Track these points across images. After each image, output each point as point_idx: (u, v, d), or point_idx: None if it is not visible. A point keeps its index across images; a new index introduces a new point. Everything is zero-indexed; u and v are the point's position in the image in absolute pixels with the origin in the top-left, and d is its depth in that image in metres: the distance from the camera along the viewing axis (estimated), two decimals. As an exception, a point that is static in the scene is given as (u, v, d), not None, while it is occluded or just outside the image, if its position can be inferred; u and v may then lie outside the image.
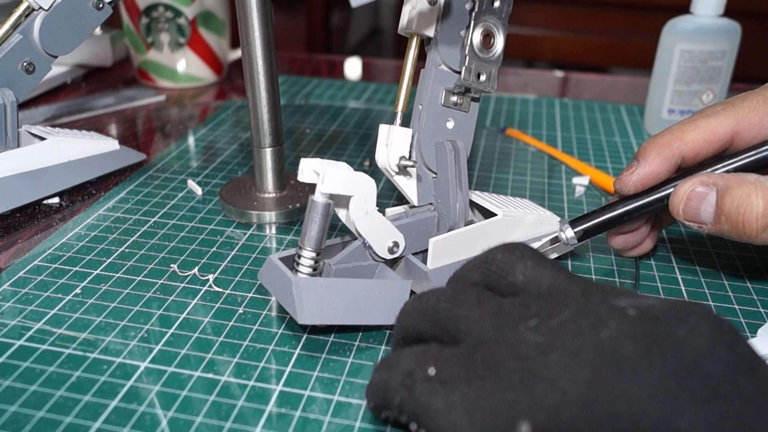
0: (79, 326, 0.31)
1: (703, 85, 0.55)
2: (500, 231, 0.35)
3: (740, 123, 0.33)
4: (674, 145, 0.33)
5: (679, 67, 0.54)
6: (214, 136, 0.56)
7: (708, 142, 0.33)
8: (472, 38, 0.32)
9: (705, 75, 0.54)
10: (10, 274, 0.35)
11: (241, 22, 0.38)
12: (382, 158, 0.33)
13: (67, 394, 0.27)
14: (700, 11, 0.53)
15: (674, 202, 0.33)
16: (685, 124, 0.34)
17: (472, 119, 0.35)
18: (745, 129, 0.33)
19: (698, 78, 0.54)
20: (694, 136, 0.33)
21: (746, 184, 0.31)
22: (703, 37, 0.53)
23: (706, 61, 0.54)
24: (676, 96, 0.55)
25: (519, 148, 0.55)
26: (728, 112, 0.33)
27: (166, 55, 0.66)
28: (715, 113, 0.33)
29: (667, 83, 0.55)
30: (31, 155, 0.42)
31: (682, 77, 0.55)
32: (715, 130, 0.33)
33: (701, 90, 0.55)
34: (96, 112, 0.60)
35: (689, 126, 0.33)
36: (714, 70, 0.54)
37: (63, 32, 0.41)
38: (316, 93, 0.68)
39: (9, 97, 0.40)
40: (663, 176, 0.33)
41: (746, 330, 0.33)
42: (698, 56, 0.53)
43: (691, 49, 0.53)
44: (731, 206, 0.31)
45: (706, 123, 0.33)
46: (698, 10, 0.53)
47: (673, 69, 0.54)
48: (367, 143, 0.55)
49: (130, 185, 0.46)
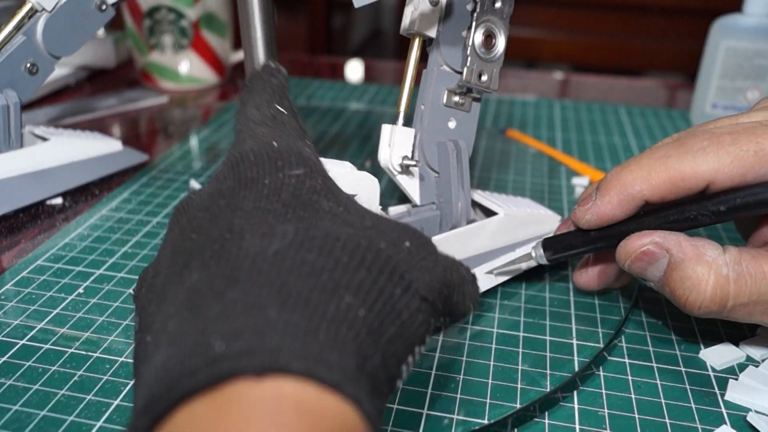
0: (81, 326, 0.32)
1: (749, 82, 0.57)
2: (502, 229, 0.35)
3: (718, 173, 0.27)
4: (636, 188, 0.29)
5: (724, 64, 0.56)
6: (217, 138, 0.56)
7: (676, 187, 0.28)
8: (473, 39, 0.33)
9: (750, 72, 0.56)
10: (13, 273, 0.36)
11: (243, 24, 0.39)
12: (384, 158, 0.34)
13: (69, 393, 0.27)
14: (752, 11, 0.55)
15: (622, 254, 0.30)
16: (656, 161, 0.29)
17: (473, 119, 0.35)
18: (722, 180, 0.27)
19: (743, 75, 0.57)
20: (660, 178, 0.28)
21: (701, 264, 0.27)
22: (749, 35, 0.56)
23: (752, 59, 0.56)
24: (720, 91, 0.58)
25: (519, 148, 0.55)
26: (709, 155, 0.27)
27: (169, 57, 0.66)
28: (693, 152, 0.28)
29: (711, 79, 0.57)
30: (35, 156, 0.42)
31: (727, 73, 0.57)
32: (686, 177, 0.28)
33: (746, 87, 0.57)
34: (99, 113, 0.60)
35: (659, 166, 0.28)
36: (760, 69, 0.56)
37: (66, 33, 0.42)
38: (318, 94, 0.68)
39: (12, 98, 0.41)
40: (619, 218, 0.30)
41: (746, 330, 0.33)
42: (743, 53, 0.56)
43: (736, 47, 0.56)
44: (679, 283, 0.28)
45: (678, 165, 0.28)
46: (750, 9, 0.55)
47: (717, 65, 0.57)
48: (368, 144, 0.55)
49: (133, 186, 0.46)
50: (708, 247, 0.28)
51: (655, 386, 0.29)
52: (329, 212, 0.22)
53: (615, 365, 0.31)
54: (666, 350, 0.32)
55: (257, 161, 0.23)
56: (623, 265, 0.30)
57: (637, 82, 0.76)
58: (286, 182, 0.23)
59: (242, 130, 0.27)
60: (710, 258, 0.27)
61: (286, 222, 0.21)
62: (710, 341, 0.32)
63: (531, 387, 0.28)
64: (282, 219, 0.21)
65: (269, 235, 0.20)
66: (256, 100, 0.28)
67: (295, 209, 0.22)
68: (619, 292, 0.35)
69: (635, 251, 0.29)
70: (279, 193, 0.22)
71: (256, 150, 0.24)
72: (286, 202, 0.22)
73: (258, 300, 0.18)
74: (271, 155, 0.24)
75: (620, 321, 0.33)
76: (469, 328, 0.32)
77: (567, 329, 0.32)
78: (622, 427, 0.27)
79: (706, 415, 0.28)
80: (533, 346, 0.31)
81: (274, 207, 0.22)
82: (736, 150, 0.27)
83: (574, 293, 0.35)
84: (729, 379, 0.30)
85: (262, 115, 0.27)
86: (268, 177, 0.23)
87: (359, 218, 0.22)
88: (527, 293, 0.35)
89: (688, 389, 0.29)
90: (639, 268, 0.29)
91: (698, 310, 0.28)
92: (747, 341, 0.32)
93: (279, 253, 0.20)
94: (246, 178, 0.23)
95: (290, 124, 0.27)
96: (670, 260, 0.28)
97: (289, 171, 0.23)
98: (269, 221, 0.21)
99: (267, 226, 0.21)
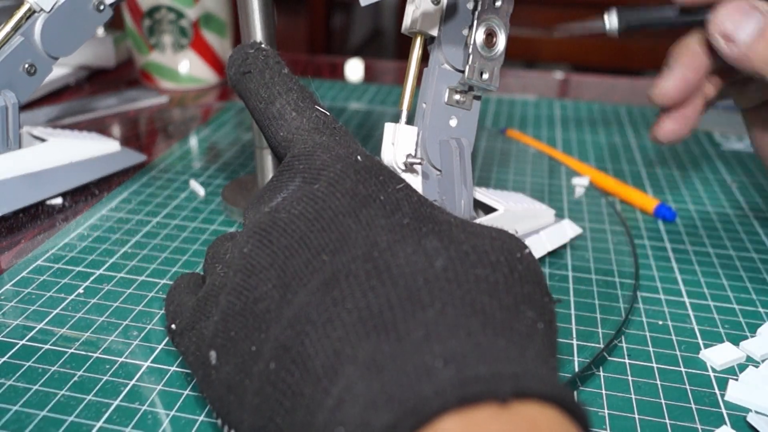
0: (81, 326, 0.32)
1: None
2: (502, 225, 0.35)
3: None
4: None
5: None
6: (217, 137, 0.56)
7: None
8: (475, 37, 0.33)
9: None
10: (12, 274, 0.36)
11: (243, 24, 0.39)
12: (388, 156, 0.34)
13: (69, 394, 0.27)
14: None
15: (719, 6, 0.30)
16: None
17: (474, 117, 0.35)
18: None
19: None
20: None
21: None
22: None
23: None
24: None
25: (519, 148, 0.55)
26: None
27: (169, 57, 0.66)
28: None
29: None
30: (33, 157, 0.42)
31: None
32: None
33: None
34: (99, 113, 0.60)
35: None
36: None
37: (64, 34, 0.41)
38: (318, 94, 0.68)
39: (11, 98, 0.40)
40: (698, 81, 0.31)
41: (746, 330, 0.33)
42: None
43: None
44: None
45: None
46: None
47: None
48: (368, 144, 0.55)
49: (133, 186, 0.46)
50: None
51: (655, 386, 0.29)
52: (450, 223, 0.22)
53: (615, 365, 0.31)
54: (666, 350, 0.32)
55: (359, 178, 0.23)
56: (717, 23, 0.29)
57: (637, 82, 0.76)
58: (399, 196, 0.22)
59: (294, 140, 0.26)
60: None
61: (426, 236, 0.21)
62: (710, 341, 0.32)
63: (531, 387, 0.28)
64: (420, 233, 0.21)
65: (421, 251, 0.20)
66: (286, 98, 0.27)
67: (425, 222, 0.22)
68: (619, 292, 0.35)
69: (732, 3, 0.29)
70: (400, 208, 0.22)
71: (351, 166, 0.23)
72: (412, 216, 0.22)
73: (458, 320, 0.18)
74: (369, 170, 0.23)
75: (620, 321, 0.33)
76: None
77: (567, 329, 0.32)
78: (622, 427, 0.27)
79: (707, 416, 0.28)
80: (533, 346, 0.31)
81: (406, 222, 0.21)
82: None
83: (574, 294, 0.35)
84: (729, 379, 0.30)
85: (308, 121, 0.26)
86: (382, 194, 0.22)
87: (475, 228, 0.22)
88: (527, 293, 0.35)
89: (689, 389, 0.29)
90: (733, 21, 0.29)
91: None
92: (747, 341, 0.32)
93: (448, 270, 0.20)
94: (359, 195, 0.22)
95: (342, 129, 0.27)
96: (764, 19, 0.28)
97: (394, 185, 0.23)
98: (412, 236, 0.21)
99: (413, 242, 0.21)
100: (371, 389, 0.17)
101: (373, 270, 0.20)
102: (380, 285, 0.19)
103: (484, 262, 0.20)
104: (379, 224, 0.21)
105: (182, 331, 0.25)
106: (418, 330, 0.18)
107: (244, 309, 0.22)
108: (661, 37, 1.23)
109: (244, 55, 0.28)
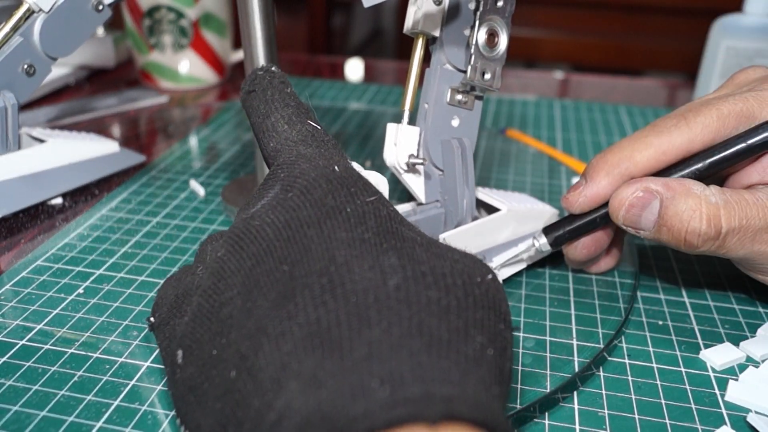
0: (81, 326, 0.32)
1: None
2: (505, 225, 0.35)
3: (692, 142, 0.31)
4: (623, 166, 0.31)
5: (724, 63, 0.56)
6: (217, 137, 0.56)
7: (659, 162, 0.31)
8: (477, 37, 0.33)
9: None
10: (12, 274, 0.36)
11: (243, 24, 0.39)
12: (390, 156, 0.34)
13: (69, 394, 0.27)
14: (752, 10, 0.55)
15: (615, 206, 0.31)
16: (636, 141, 0.32)
17: (476, 117, 0.35)
18: (698, 148, 0.31)
19: None
20: (644, 156, 0.31)
21: (692, 197, 0.29)
22: (749, 34, 0.55)
23: (752, 59, 0.55)
24: None
25: (519, 148, 0.55)
26: (681, 129, 0.31)
27: (169, 57, 0.66)
28: (667, 129, 0.31)
29: (712, 78, 0.57)
30: (32, 158, 0.42)
31: (727, 73, 0.56)
32: (667, 151, 0.31)
33: None
34: (99, 113, 0.60)
35: (640, 144, 0.31)
36: None
37: (63, 34, 0.41)
38: (318, 94, 0.68)
39: (10, 99, 0.40)
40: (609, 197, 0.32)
41: (746, 330, 0.33)
42: (744, 53, 0.55)
43: (736, 46, 0.55)
44: (675, 219, 0.29)
45: (658, 141, 0.31)
46: (750, 8, 0.55)
47: (718, 65, 0.57)
48: (368, 144, 0.55)
49: (133, 186, 0.46)
50: (692, 183, 0.30)
51: (655, 387, 0.29)
52: (414, 241, 0.22)
53: (615, 366, 0.31)
54: (666, 350, 0.32)
55: (330, 188, 0.23)
56: (618, 218, 0.31)
57: (637, 82, 0.76)
58: (366, 210, 0.22)
59: (281, 150, 0.26)
60: (698, 191, 0.30)
61: (385, 253, 0.21)
62: (710, 341, 0.32)
63: (531, 387, 0.28)
64: (380, 249, 0.21)
65: (378, 268, 0.20)
66: (281, 113, 0.28)
67: (387, 238, 0.22)
68: (619, 292, 0.35)
69: (627, 199, 0.31)
70: (365, 221, 0.22)
71: (325, 176, 0.23)
72: (375, 230, 0.22)
73: (401, 341, 0.18)
74: (342, 181, 0.23)
75: (620, 321, 0.33)
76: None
77: (567, 329, 0.32)
78: (622, 427, 0.27)
79: (707, 416, 0.28)
80: (533, 346, 0.31)
81: (367, 236, 0.21)
82: (701, 119, 0.31)
83: (574, 294, 0.35)
84: (729, 379, 0.30)
85: (298, 133, 0.27)
86: (348, 205, 0.22)
87: (440, 249, 0.22)
88: (527, 293, 0.35)
89: (689, 390, 0.29)
90: (633, 216, 0.31)
91: (698, 239, 0.29)
92: (747, 341, 0.32)
93: (400, 289, 0.20)
94: (326, 206, 0.22)
95: (330, 142, 0.27)
96: (662, 200, 0.30)
97: (364, 198, 0.23)
98: (371, 252, 0.21)
99: (370, 258, 0.21)
100: (308, 406, 0.17)
101: (328, 285, 0.20)
102: (332, 300, 0.19)
103: (439, 284, 0.20)
104: (339, 237, 0.21)
105: (159, 325, 0.25)
106: (361, 348, 0.18)
107: (210, 312, 0.22)
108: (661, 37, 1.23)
109: (253, 76, 0.30)
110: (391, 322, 0.19)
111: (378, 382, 0.17)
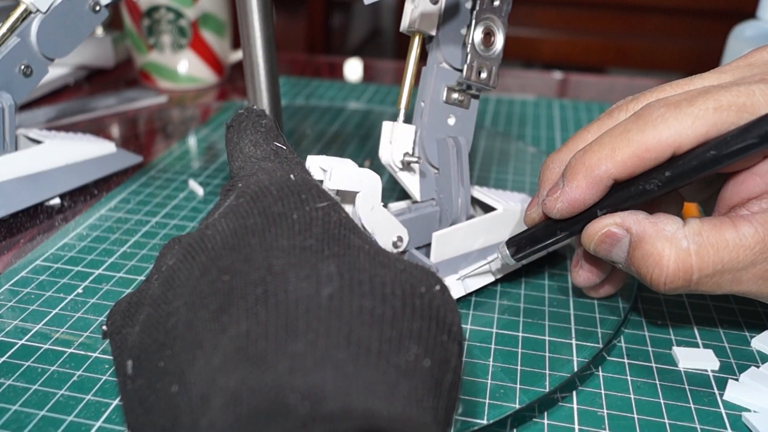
0: (80, 326, 0.32)
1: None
2: (500, 224, 0.35)
3: (682, 136, 0.26)
4: (602, 168, 0.27)
5: None
6: (216, 137, 0.56)
7: (642, 160, 0.27)
8: (473, 36, 0.33)
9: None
10: (11, 274, 0.36)
11: (242, 24, 0.39)
12: (386, 155, 0.34)
13: (68, 393, 0.27)
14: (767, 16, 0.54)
15: (585, 239, 0.29)
16: (617, 136, 0.28)
17: (472, 115, 0.36)
18: (688, 143, 0.26)
19: None
20: (625, 154, 0.27)
21: (660, 240, 0.27)
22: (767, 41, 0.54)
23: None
24: None
25: (519, 148, 0.55)
26: (669, 121, 0.26)
27: (168, 57, 0.66)
28: (652, 121, 0.27)
29: None
30: (29, 159, 0.42)
31: None
32: (650, 147, 0.27)
33: None
34: (98, 113, 0.60)
35: (621, 141, 0.27)
36: None
37: (60, 35, 0.41)
38: (317, 94, 0.68)
39: (7, 100, 0.40)
40: (590, 202, 0.29)
41: (746, 330, 0.33)
42: None
43: None
44: (641, 262, 0.27)
45: (640, 137, 0.27)
46: (765, 15, 0.54)
47: None
48: (367, 144, 0.55)
49: (132, 186, 0.46)
50: (667, 221, 0.27)
51: (654, 386, 0.29)
52: (360, 249, 0.21)
53: (614, 365, 0.31)
54: (665, 350, 0.32)
55: (280, 195, 0.22)
56: (590, 250, 0.29)
57: (636, 82, 0.76)
58: (314, 216, 0.22)
59: (244, 167, 0.26)
60: (669, 233, 0.27)
61: (325, 260, 0.20)
62: (710, 341, 0.32)
63: (530, 387, 0.28)
64: (320, 257, 0.20)
65: (314, 277, 0.20)
66: (250, 137, 0.28)
67: (330, 245, 0.21)
68: (618, 292, 0.35)
69: (597, 234, 0.29)
70: (310, 228, 0.21)
71: (276, 183, 0.23)
72: (319, 237, 0.21)
73: (327, 352, 0.18)
74: (293, 188, 0.23)
75: (619, 321, 0.33)
76: (468, 329, 0.32)
77: (566, 329, 0.32)
78: (621, 427, 0.27)
79: (705, 416, 0.28)
80: (532, 346, 0.31)
81: (309, 243, 0.21)
82: (694, 110, 0.26)
83: (573, 293, 0.35)
84: (728, 379, 0.30)
85: (262, 152, 0.27)
86: (296, 212, 0.22)
87: (387, 258, 0.22)
88: (526, 293, 0.35)
89: (687, 389, 0.29)
90: (604, 251, 0.29)
91: (664, 287, 0.27)
92: (759, 337, 0.32)
93: (333, 299, 0.19)
94: (273, 213, 0.22)
95: (293, 159, 0.27)
96: (632, 239, 0.28)
97: (314, 204, 0.22)
98: (309, 260, 0.20)
99: (309, 266, 0.20)
100: (227, 426, 0.17)
101: (262, 295, 0.19)
102: (263, 312, 0.19)
103: (375, 293, 0.20)
104: (280, 245, 0.21)
105: (111, 333, 0.25)
106: (284, 361, 0.17)
107: (158, 322, 0.21)
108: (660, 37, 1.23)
109: (236, 114, 0.30)
110: (318, 333, 0.18)
111: (298, 397, 0.16)
